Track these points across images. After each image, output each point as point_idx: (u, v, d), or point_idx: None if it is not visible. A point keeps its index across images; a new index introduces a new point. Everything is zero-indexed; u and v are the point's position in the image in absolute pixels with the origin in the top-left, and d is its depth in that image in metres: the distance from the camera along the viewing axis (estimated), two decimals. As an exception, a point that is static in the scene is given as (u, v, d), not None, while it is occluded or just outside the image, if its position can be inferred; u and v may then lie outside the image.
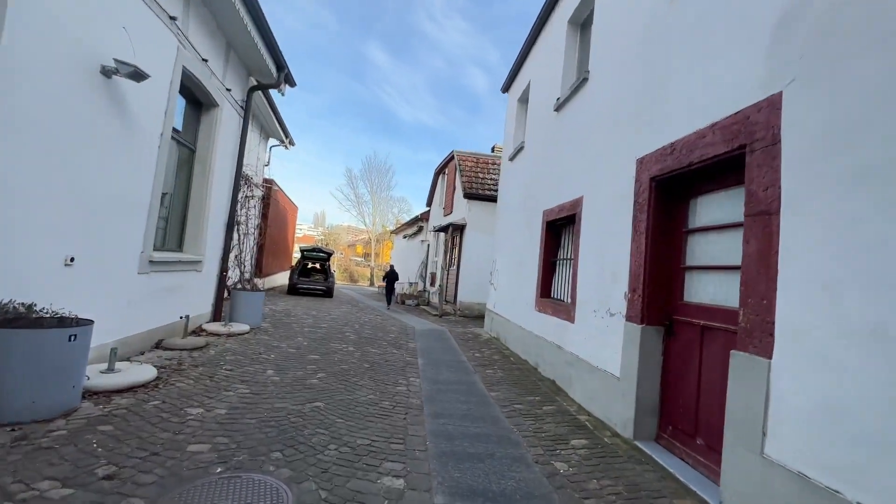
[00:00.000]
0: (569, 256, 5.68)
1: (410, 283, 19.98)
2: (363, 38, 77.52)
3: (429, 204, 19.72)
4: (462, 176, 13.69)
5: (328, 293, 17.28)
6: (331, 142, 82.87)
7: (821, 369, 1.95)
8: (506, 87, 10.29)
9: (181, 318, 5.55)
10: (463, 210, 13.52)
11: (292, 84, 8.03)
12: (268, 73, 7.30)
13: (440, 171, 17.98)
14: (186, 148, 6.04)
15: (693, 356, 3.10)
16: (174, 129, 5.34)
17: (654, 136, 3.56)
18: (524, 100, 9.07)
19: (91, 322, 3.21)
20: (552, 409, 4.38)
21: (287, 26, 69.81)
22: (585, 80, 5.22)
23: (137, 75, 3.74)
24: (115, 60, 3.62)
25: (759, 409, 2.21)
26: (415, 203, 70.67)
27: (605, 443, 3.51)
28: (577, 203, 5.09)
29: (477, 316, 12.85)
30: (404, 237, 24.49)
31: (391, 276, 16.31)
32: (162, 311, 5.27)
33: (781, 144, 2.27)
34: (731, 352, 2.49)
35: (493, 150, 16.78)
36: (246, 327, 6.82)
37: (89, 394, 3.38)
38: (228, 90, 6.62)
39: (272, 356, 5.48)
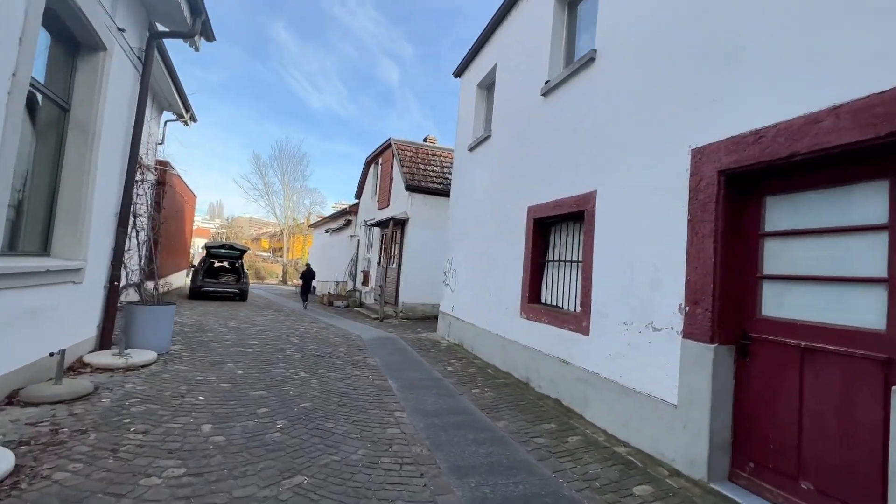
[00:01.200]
0: (569, 258, 5.09)
1: (337, 283, 18.32)
2: (268, 16, 70.62)
3: (358, 196, 18.18)
4: (402, 166, 12.61)
5: (242, 296, 14.98)
6: (229, 124, 74.13)
7: None
8: (459, 72, 9.48)
9: (51, 354, 3.79)
10: (404, 203, 12.47)
11: (210, 37, 6.29)
12: (178, 19, 5.53)
13: (372, 161, 16.60)
14: (55, 105, 4.19)
15: (787, 382, 2.62)
16: (34, 80, 3.57)
17: (720, 121, 3.03)
18: (486, 85, 8.36)
19: None
20: (578, 440, 3.72)
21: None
22: (592, 59, 4.62)
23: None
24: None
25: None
26: (329, 195, 66.81)
27: (673, 487, 2.92)
28: (586, 199, 4.49)
29: (421, 318, 11.96)
30: (327, 231, 22.48)
31: (308, 275, 15.42)
32: (16, 346, 3.52)
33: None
34: (894, 388, 2.01)
35: (425, 140, 15.88)
36: (151, 355, 5.10)
37: None
38: (122, 31, 4.81)
39: (201, 398, 4.02)
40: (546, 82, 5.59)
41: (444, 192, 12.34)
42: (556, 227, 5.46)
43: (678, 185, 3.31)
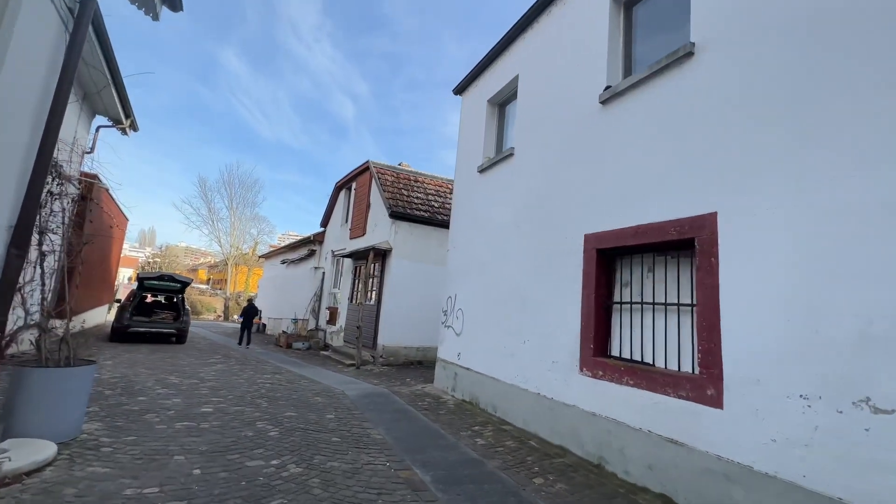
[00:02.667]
0: (658, 300, 3.98)
1: (296, 321, 16.13)
2: (217, 41, 69.14)
3: (324, 224, 16.44)
4: (384, 191, 11.30)
5: (180, 338, 12.52)
6: (167, 148, 69.94)
7: None
8: (462, 89, 8.55)
9: None
10: (386, 232, 11.07)
11: (175, 6, 4.82)
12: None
13: (343, 186, 15.11)
14: None
15: None
16: None
17: None
18: (501, 101, 7.44)
19: None
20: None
21: (120, 11, 58.80)
22: (691, 53, 3.75)
23: None
24: None
25: None
26: (278, 225, 63.51)
27: None
28: (698, 223, 3.46)
29: (405, 364, 10.33)
30: (284, 262, 20.24)
31: (249, 311, 14.04)
32: None
33: None
34: None
35: (399, 165, 14.75)
36: (47, 451, 3.22)
37: None
38: (45, -43, 3.28)
39: (136, 545, 2.32)
40: (606, 88, 4.69)
41: (432, 221, 11.14)
42: (629, 260, 4.38)
43: (900, 201, 2.34)
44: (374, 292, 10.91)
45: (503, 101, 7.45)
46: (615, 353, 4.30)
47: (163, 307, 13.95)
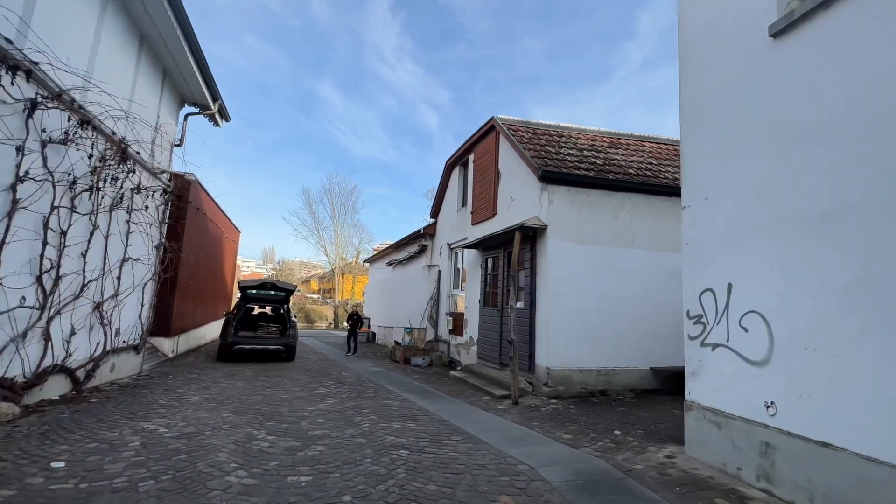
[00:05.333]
0: None
1: (409, 330, 13.68)
2: (315, 77, 76.61)
3: (434, 214, 13.83)
4: (526, 149, 8.07)
5: (289, 354, 10.69)
6: (281, 177, 79.17)
7: None
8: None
9: None
10: (531, 205, 7.82)
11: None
12: None
13: (455, 163, 12.28)
14: None
15: None
16: None
17: None
18: None
19: None
20: None
21: (234, 64, 67.58)
22: None
23: None
24: None
25: None
26: (377, 234, 65.59)
27: None
28: None
29: (581, 395, 6.91)
30: (390, 265, 18.24)
31: (355, 319, 13.64)
32: None
33: None
34: None
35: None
36: None
37: None
38: None
39: None
40: None
41: (600, 184, 7.60)
42: None
43: None
44: (526, 289, 7.69)
45: None
46: None
47: (268, 319, 12.48)
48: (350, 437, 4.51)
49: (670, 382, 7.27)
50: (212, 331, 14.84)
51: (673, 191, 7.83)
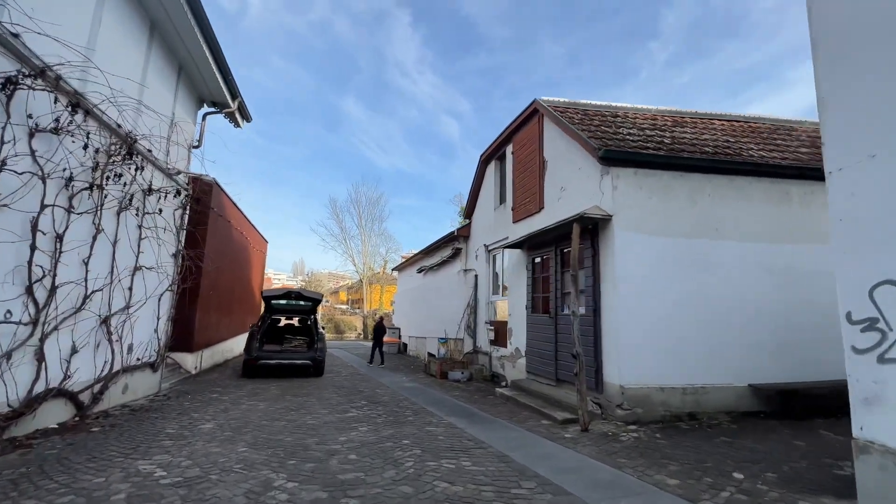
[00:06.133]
0: None
1: (444, 340, 12.66)
2: (338, 93, 79.18)
3: (468, 214, 12.83)
4: (581, 130, 6.97)
5: (317, 369, 9.87)
6: (308, 191, 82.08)
7: None
8: None
9: None
10: (589, 193, 6.69)
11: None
12: None
13: (490, 157, 11.27)
14: None
15: None
16: None
17: None
18: None
19: None
20: None
21: (261, 83, 70.31)
22: None
23: None
24: None
25: None
26: (404, 244, 65.51)
27: None
28: None
29: (666, 420, 5.66)
30: (420, 271, 17.32)
31: (379, 329, 13.78)
32: None
33: None
34: None
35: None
36: None
37: None
38: None
39: None
40: None
41: (677, 164, 6.40)
42: None
43: None
44: (589, 293, 6.53)
45: None
46: None
47: (295, 331, 11.74)
48: (391, 482, 3.50)
49: (775, 403, 5.92)
50: (239, 344, 14.26)
51: (763, 171, 6.54)
